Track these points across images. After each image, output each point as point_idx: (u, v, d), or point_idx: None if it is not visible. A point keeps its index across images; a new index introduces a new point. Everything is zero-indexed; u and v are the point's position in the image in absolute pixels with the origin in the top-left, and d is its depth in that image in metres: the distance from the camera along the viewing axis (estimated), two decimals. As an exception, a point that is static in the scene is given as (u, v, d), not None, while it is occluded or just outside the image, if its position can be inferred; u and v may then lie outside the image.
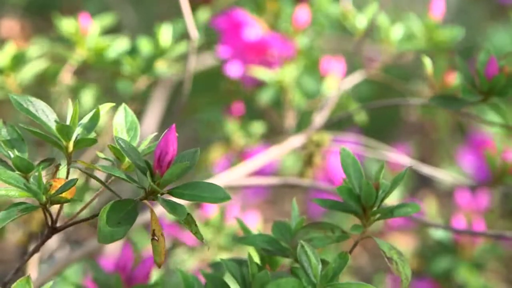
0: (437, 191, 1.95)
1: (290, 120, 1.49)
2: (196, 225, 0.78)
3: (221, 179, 1.26)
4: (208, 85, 1.65)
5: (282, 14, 1.54)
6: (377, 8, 1.43)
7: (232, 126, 1.55)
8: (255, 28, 1.50)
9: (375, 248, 1.91)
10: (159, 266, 0.78)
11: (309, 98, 1.49)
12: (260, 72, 1.47)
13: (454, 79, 1.37)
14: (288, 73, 1.47)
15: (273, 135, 1.59)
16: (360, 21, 1.44)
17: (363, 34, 1.42)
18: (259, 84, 1.51)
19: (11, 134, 0.83)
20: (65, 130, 0.81)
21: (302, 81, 1.50)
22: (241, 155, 1.59)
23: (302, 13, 1.49)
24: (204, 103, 1.72)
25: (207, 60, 1.65)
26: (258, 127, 1.56)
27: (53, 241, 1.47)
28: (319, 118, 1.34)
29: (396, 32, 1.43)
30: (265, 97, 1.48)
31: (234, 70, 1.51)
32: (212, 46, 1.54)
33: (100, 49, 1.37)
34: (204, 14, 1.50)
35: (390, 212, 0.85)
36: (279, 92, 1.48)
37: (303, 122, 1.51)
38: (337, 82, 1.49)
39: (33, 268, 1.29)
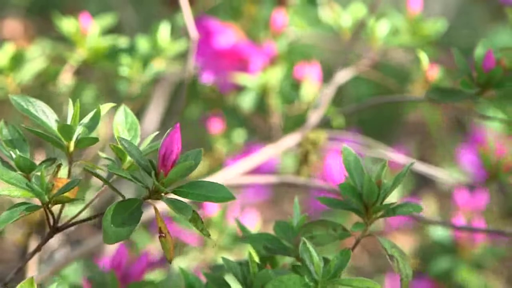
0: (438, 191, 1.95)
1: (274, 123, 1.49)
2: (202, 222, 0.78)
3: (218, 178, 1.26)
4: (190, 92, 1.66)
5: (259, 18, 1.54)
6: (363, 6, 1.44)
7: (214, 135, 1.56)
8: (226, 36, 1.51)
9: (375, 248, 1.91)
10: (170, 262, 0.78)
11: (288, 102, 1.50)
12: (240, 78, 1.47)
13: (436, 73, 1.37)
14: (270, 77, 1.47)
15: (258, 140, 1.60)
16: (345, 20, 1.44)
17: (352, 33, 1.43)
18: (237, 90, 1.52)
19: (13, 134, 0.83)
20: (66, 130, 0.81)
21: (282, 85, 1.50)
22: (226, 164, 1.59)
23: (279, 16, 1.50)
24: (188, 111, 1.72)
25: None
26: (240, 135, 1.56)
27: (53, 241, 1.47)
28: (314, 116, 1.34)
29: (382, 28, 1.44)
30: (246, 103, 1.48)
31: (207, 77, 1.52)
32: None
33: (100, 49, 1.37)
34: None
35: (392, 210, 0.85)
36: (260, 96, 1.49)
37: (287, 126, 1.51)
38: (314, 86, 1.49)
39: (33, 267, 1.29)
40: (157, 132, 0.86)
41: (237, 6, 1.55)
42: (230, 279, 0.88)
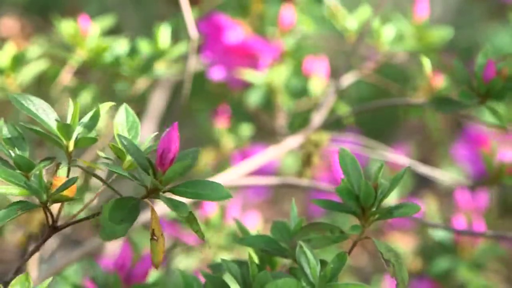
0: (437, 191, 1.95)
1: (280, 121, 1.49)
2: (197, 223, 0.78)
3: (219, 179, 1.27)
4: (197, 88, 1.66)
5: (267, 15, 1.54)
6: (370, 9, 1.44)
7: (220, 130, 1.56)
8: (236, 32, 1.51)
9: (375, 248, 1.91)
10: (156, 267, 0.78)
11: (296, 99, 1.50)
12: (248, 74, 1.47)
13: (441, 81, 1.37)
14: (276, 75, 1.48)
15: (264, 136, 1.60)
16: (351, 23, 1.44)
17: (357, 35, 1.43)
18: (246, 86, 1.52)
19: (12, 133, 0.83)
20: (65, 129, 0.81)
21: (289, 82, 1.50)
22: (232, 158, 1.60)
23: (287, 14, 1.50)
24: (195, 106, 1.72)
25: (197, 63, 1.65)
26: (247, 130, 1.57)
27: (53, 241, 1.47)
28: (317, 118, 1.34)
29: (387, 33, 1.43)
30: (253, 99, 1.48)
31: (216, 73, 1.52)
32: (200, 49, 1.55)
33: (100, 50, 1.37)
34: (192, 15, 1.50)
35: (389, 212, 0.85)
36: (268, 93, 1.49)
37: (294, 123, 1.51)
38: (322, 82, 1.49)
39: (33, 267, 1.29)
40: (156, 133, 0.86)
41: (245, 4, 1.55)
42: (229, 279, 0.88)
